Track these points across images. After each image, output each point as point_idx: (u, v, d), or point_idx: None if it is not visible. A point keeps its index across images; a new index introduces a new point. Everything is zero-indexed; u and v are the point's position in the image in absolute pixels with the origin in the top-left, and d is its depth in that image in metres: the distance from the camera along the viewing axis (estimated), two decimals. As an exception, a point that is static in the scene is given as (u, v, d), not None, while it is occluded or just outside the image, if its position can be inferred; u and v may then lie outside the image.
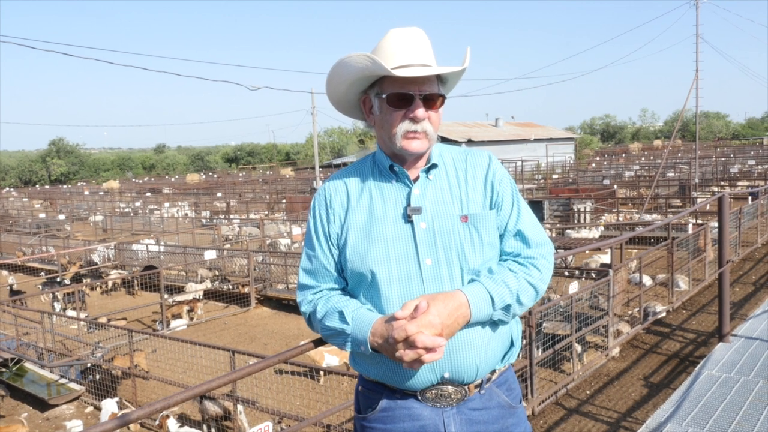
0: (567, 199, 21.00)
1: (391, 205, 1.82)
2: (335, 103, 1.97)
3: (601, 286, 8.34)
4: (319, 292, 1.88)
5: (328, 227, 1.87)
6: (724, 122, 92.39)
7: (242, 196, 39.61)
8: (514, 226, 1.84)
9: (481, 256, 1.80)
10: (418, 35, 1.80)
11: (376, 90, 1.82)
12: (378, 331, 1.67)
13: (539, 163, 42.71)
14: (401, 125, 1.76)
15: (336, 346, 1.83)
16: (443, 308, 1.63)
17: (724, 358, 4.97)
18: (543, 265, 1.81)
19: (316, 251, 1.88)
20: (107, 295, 16.27)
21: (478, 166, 1.88)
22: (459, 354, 1.74)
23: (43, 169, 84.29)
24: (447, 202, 1.82)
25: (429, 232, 1.77)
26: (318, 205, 1.91)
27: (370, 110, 1.87)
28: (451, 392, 1.77)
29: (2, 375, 9.90)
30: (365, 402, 1.89)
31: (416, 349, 1.58)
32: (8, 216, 36.33)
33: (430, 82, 1.78)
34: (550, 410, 6.95)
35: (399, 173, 1.84)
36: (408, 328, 1.58)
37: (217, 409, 7.61)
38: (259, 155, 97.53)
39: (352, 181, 1.90)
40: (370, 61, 1.70)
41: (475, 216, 1.80)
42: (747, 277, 11.92)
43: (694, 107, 25.12)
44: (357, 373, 1.94)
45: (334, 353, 8.96)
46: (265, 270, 14.68)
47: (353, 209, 1.85)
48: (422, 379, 1.76)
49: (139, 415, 1.84)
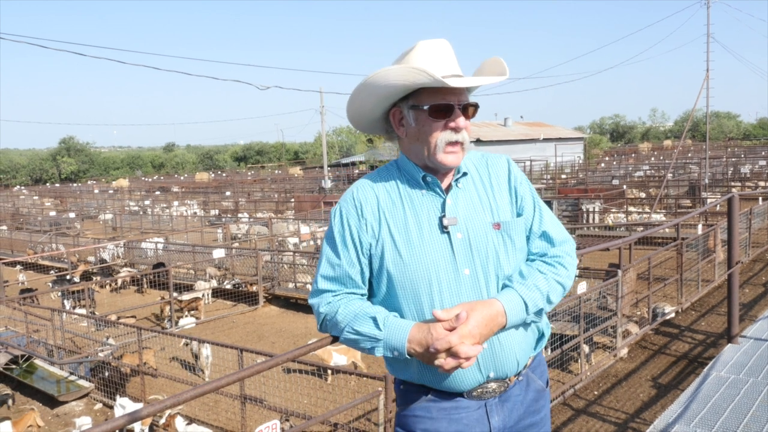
0: (576, 199, 20.91)
1: (424, 216, 1.83)
2: (355, 117, 1.97)
3: (609, 286, 8.31)
4: (338, 295, 1.87)
5: (359, 236, 1.85)
6: (734, 122, 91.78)
7: (251, 195, 39.73)
8: (539, 227, 1.90)
9: (514, 262, 1.85)
10: (447, 46, 1.84)
11: (411, 102, 1.83)
12: (416, 338, 1.70)
13: (548, 163, 42.55)
14: (442, 135, 1.79)
15: (358, 350, 1.85)
16: (481, 318, 1.68)
17: (732, 360, 4.94)
18: (569, 263, 1.89)
19: (341, 259, 1.86)
20: (117, 292, 16.36)
21: (500, 172, 1.93)
22: (501, 353, 1.80)
23: (53, 168, 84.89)
24: (478, 210, 1.85)
25: (465, 242, 1.80)
26: (346, 212, 1.87)
27: (400, 122, 1.88)
28: (495, 387, 1.84)
29: (12, 372, 9.98)
30: (408, 398, 1.92)
31: (458, 359, 1.65)
32: (19, 214, 36.63)
33: (465, 92, 1.83)
34: (558, 410, 6.94)
35: (431, 183, 1.85)
36: (451, 339, 1.64)
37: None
38: (267, 154, 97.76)
39: (381, 190, 1.89)
40: (424, 74, 1.71)
41: (507, 224, 1.85)
42: (757, 278, 11.84)
43: (705, 107, 24.97)
44: (363, 371, 1.96)
45: (343, 352, 8.97)
46: (273, 269, 14.72)
47: (387, 219, 1.84)
48: (469, 381, 1.81)
49: (149, 412, 1.86)
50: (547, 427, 2.00)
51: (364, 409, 7.43)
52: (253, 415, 7.62)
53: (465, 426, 1.83)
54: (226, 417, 8.09)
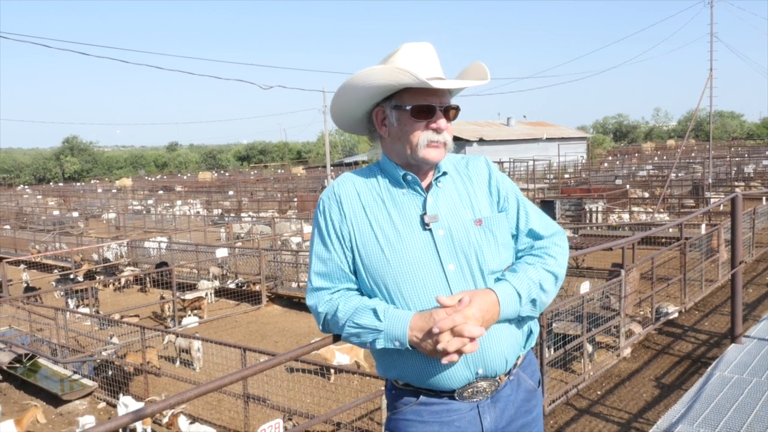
0: (579, 198, 20.89)
1: (406, 213, 1.85)
2: (338, 115, 2.00)
3: (612, 286, 8.30)
4: (337, 292, 1.87)
5: (341, 229, 1.86)
6: (738, 122, 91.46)
7: (254, 195, 39.77)
8: (525, 225, 1.93)
9: (498, 257, 1.86)
10: (430, 49, 1.87)
11: (394, 102, 1.85)
12: (417, 325, 1.71)
13: (551, 163, 42.50)
14: (423, 135, 1.82)
15: (359, 345, 1.85)
16: (483, 304, 1.70)
17: (736, 360, 4.93)
18: (557, 252, 1.90)
19: (331, 253, 1.87)
20: (120, 292, 16.40)
21: (480, 171, 1.96)
22: (489, 349, 1.80)
23: (57, 167, 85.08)
24: (459, 207, 1.87)
25: (447, 239, 1.82)
26: (327, 206, 1.90)
27: (382, 122, 1.90)
28: (485, 386, 1.84)
29: (16, 370, 10.02)
30: (399, 402, 1.92)
31: (462, 338, 1.64)
32: (22, 213, 36.71)
33: (447, 94, 1.87)
34: (561, 410, 6.93)
35: (411, 181, 1.87)
36: (455, 318, 1.64)
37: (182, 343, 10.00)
38: (270, 154, 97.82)
39: (362, 187, 1.91)
40: (408, 74, 1.74)
41: (488, 219, 1.87)
42: (760, 278, 11.82)
43: (708, 107, 24.96)
44: (366, 371, 1.97)
45: (345, 352, 8.98)
46: (276, 268, 14.73)
47: (368, 215, 1.86)
48: (459, 378, 1.81)
49: (154, 410, 1.86)
50: (540, 427, 2.00)
51: (366, 409, 7.43)
52: (256, 414, 7.63)
53: (456, 429, 1.83)
54: (229, 416, 8.11)
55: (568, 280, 10.81)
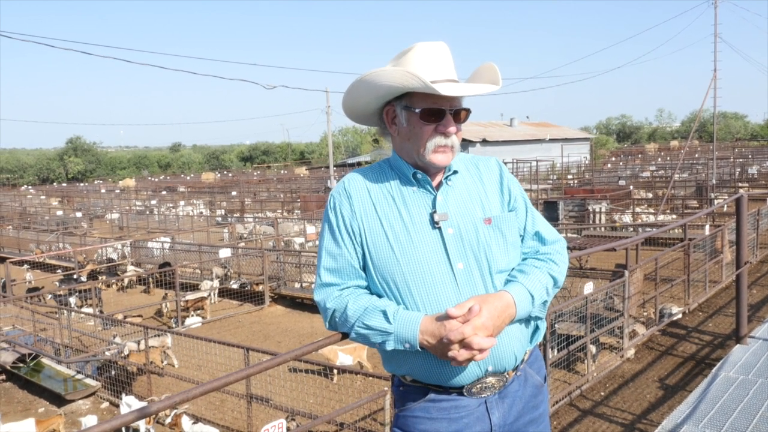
0: (582, 199, 20.84)
1: (416, 212, 1.85)
2: (350, 110, 2.00)
3: (616, 287, 8.28)
4: (346, 289, 1.86)
5: (351, 225, 1.86)
6: (742, 123, 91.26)
7: (257, 195, 39.78)
8: (531, 227, 1.96)
9: (507, 256, 1.87)
10: (444, 50, 1.85)
11: (404, 103, 1.85)
12: (428, 330, 1.71)
13: (554, 163, 42.43)
14: (432, 139, 1.82)
15: (369, 345, 1.85)
16: (494, 310, 1.71)
17: (741, 360, 4.91)
18: (560, 259, 1.95)
19: (341, 249, 1.86)
20: (123, 291, 16.42)
21: (491, 171, 1.98)
22: (499, 347, 1.80)
23: (60, 167, 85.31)
24: (469, 206, 1.87)
25: (456, 237, 1.82)
26: (338, 202, 1.89)
27: (393, 120, 1.90)
28: (494, 382, 1.85)
29: (20, 370, 10.03)
30: (407, 399, 1.92)
31: (472, 350, 1.65)
32: (26, 213, 36.78)
33: (458, 97, 1.85)
34: (564, 411, 6.92)
35: (422, 180, 1.87)
36: (465, 330, 1.65)
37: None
38: (273, 154, 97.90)
39: (373, 184, 1.91)
40: (416, 78, 1.73)
41: (498, 218, 1.88)
42: (765, 279, 11.79)
43: (712, 107, 24.82)
44: (369, 371, 1.96)
45: (348, 352, 8.98)
46: (279, 268, 14.73)
47: (378, 212, 1.86)
48: (469, 375, 1.82)
49: (158, 408, 1.86)
50: (546, 422, 2.01)
51: (370, 409, 7.42)
52: (259, 414, 7.62)
53: (465, 425, 1.83)
54: (232, 416, 8.11)
55: (572, 280, 10.79)
